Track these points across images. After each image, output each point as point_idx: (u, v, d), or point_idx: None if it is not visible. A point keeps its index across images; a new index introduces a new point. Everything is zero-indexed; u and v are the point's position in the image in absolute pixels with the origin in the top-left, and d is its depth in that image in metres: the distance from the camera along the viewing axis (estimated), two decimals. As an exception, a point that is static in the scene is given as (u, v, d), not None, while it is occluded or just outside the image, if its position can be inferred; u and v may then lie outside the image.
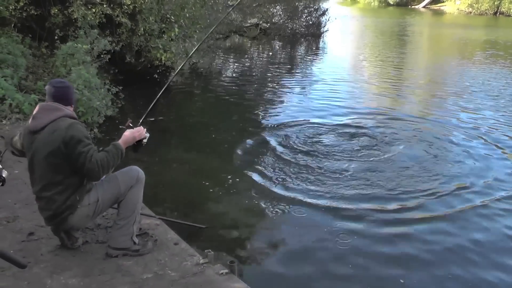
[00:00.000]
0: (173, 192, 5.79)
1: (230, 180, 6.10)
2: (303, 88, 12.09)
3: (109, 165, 3.20)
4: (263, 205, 5.41)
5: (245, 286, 3.21)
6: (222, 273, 3.30)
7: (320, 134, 7.93)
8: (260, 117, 9.15)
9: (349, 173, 6.31)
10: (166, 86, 4.13)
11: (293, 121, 8.69)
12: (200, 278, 3.25)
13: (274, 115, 9.24)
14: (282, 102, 10.61)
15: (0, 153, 5.00)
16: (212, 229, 4.81)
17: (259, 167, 6.51)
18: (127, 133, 3.42)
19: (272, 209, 5.33)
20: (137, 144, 3.53)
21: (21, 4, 8.74)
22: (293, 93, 11.45)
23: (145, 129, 3.54)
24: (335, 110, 9.61)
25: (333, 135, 7.91)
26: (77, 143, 3.12)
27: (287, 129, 8.17)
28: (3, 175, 3.51)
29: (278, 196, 5.64)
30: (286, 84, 12.63)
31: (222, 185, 5.92)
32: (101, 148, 3.26)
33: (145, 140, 3.55)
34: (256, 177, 6.20)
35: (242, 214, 5.23)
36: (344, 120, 8.83)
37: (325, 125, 8.46)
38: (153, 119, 8.39)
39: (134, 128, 3.49)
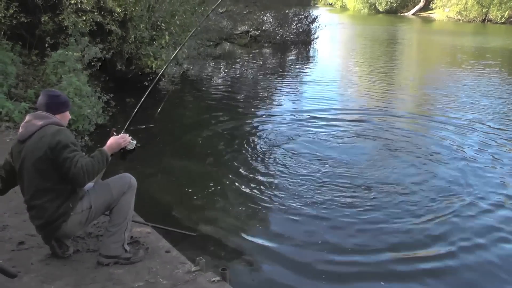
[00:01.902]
0: (162, 199, 5.78)
1: (221, 187, 6.11)
2: (293, 95, 12.13)
3: (94, 170, 3.17)
4: (253, 212, 5.43)
5: (237, 294, 3.21)
6: (214, 281, 3.29)
7: (311, 142, 7.95)
8: (251, 124, 9.17)
9: (341, 183, 6.24)
10: (148, 91, 4.12)
11: (284, 128, 8.73)
12: (192, 286, 3.24)
13: (264, 122, 9.25)
14: (272, 109, 10.63)
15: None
16: (202, 236, 4.81)
17: (250, 174, 6.53)
18: (111, 140, 3.43)
19: (262, 216, 5.35)
20: (124, 152, 3.53)
21: (11, 11, 8.70)
22: (283, 100, 11.48)
23: (130, 137, 3.54)
24: (325, 118, 9.57)
25: (322, 143, 7.89)
26: (63, 148, 3.11)
27: (278, 136, 8.19)
28: None
29: (268, 202, 5.67)
30: (276, 91, 12.66)
31: (212, 192, 5.93)
32: (86, 155, 3.25)
33: (130, 147, 3.54)
34: (246, 184, 6.21)
35: (232, 221, 5.23)
36: (335, 129, 8.79)
37: (315, 132, 8.51)
38: (143, 126, 8.43)
39: (119, 135, 3.50)
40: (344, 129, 8.74)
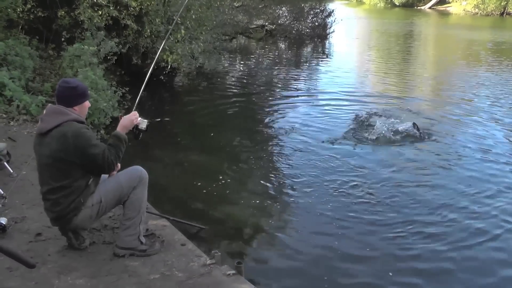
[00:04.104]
0: (177, 192, 5.80)
1: (235, 181, 6.11)
2: (310, 90, 12.04)
3: (120, 157, 3.32)
4: (268, 206, 5.43)
5: None
6: (229, 274, 3.29)
7: (328, 136, 7.82)
8: (266, 119, 9.14)
9: (360, 182, 6.10)
10: (149, 74, 4.08)
11: (299, 122, 8.68)
12: (207, 279, 3.25)
13: (280, 117, 9.21)
14: (288, 104, 10.54)
15: (9, 155, 5.06)
16: (217, 230, 4.82)
17: (264, 168, 6.53)
18: (123, 119, 3.48)
19: (276, 210, 5.35)
20: (137, 131, 3.56)
21: (29, 6, 8.80)
22: (299, 96, 11.36)
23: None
24: (342, 114, 9.34)
25: (339, 144, 7.53)
26: (89, 148, 3.17)
27: (293, 130, 8.16)
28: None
29: (282, 197, 5.67)
30: (292, 86, 12.59)
31: (227, 186, 5.93)
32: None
33: (143, 126, 3.55)
34: (261, 178, 6.21)
35: (246, 215, 5.22)
36: (353, 128, 8.32)
37: (331, 130, 8.26)
38: (159, 119, 8.48)
39: (130, 113, 3.53)
40: (361, 123, 8.61)
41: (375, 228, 4.96)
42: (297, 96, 11.26)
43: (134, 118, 3.50)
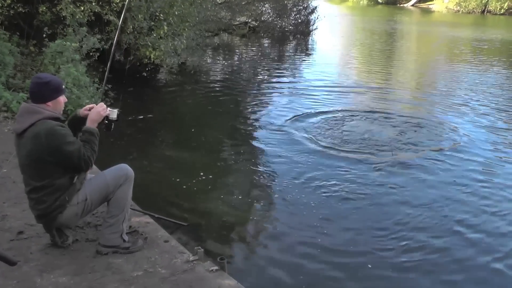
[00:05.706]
0: (160, 189, 5.77)
1: (218, 178, 6.13)
2: (292, 86, 12.05)
3: (95, 151, 3.29)
4: (249, 203, 5.46)
5: (235, 283, 3.23)
6: (212, 270, 3.32)
7: (310, 131, 7.87)
8: (248, 115, 9.16)
9: (343, 175, 6.19)
10: (111, 56, 4.04)
11: (282, 118, 8.68)
12: (190, 275, 3.27)
13: (262, 113, 9.23)
14: (270, 100, 10.59)
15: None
16: (200, 226, 4.84)
17: (247, 165, 6.55)
18: (90, 113, 3.40)
19: (258, 206, 5.38)
20: (108, 122, 3.50)
21: (9, 1, 8.68)
22: (282, 92, 11.39)
23: (108, 108, 3.50)
24: (323, 110, 9.35)
25: (322, 140, 7.51)
26: (64, 146, 3.14)
27: (276, 126, 8.18)
28: None
29: (264, 194, 5.71)
30: (275, 82, 12.60)
31: (210, 182, 5.93)
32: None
33: (114, 116, 3.49)
34: (243, 175, 6.27)
35: (229, 212, 5.23)
36: (335, 125, 8.35)
37: (313, 126, 8.27)
38: (142, 116, 8.45)
39: (96, 106, 3.46)
40: (344, 120, 8.66)
41: (359, 225, 5.01)
42: (279, 92, 11.28)
43: (101, 110, 3.41)
